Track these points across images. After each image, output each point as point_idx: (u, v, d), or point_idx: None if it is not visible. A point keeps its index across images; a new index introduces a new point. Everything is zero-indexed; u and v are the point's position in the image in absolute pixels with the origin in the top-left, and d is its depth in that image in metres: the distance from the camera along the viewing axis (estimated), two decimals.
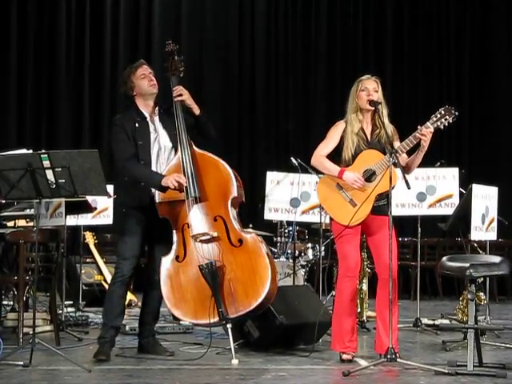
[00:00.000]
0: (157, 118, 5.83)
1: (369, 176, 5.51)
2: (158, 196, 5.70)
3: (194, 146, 5.81)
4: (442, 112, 5.43)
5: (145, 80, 5.76)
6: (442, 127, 5.44)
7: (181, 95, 5.80)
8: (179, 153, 5.75)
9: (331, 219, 5.66)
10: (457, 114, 5.43)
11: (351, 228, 5.51)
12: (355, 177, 5.48)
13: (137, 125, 5.74)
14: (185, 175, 5.67)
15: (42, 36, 11.78)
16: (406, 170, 5.60)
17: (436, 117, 5.43)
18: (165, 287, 5.66)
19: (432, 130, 5.40)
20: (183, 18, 12.25)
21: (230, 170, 5.78)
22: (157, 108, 5.85)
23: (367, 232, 5.65)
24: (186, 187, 5.65)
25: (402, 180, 5.31)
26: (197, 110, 5.86)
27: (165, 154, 5.80)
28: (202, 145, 5.91)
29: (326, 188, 5.66)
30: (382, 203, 5.53)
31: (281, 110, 12.46)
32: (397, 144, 5.56)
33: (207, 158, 5.83)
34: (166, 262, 5.69)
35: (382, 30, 12.71)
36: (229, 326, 5.51)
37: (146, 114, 5.81)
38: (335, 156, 5.65)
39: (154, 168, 5.75)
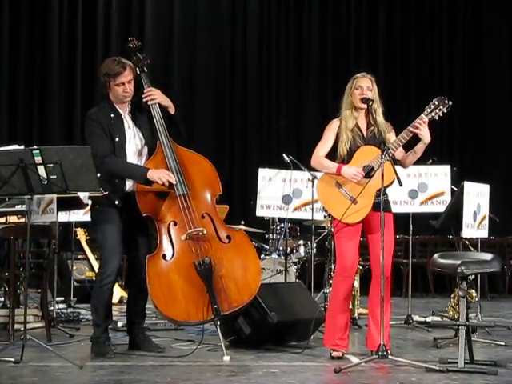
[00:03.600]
0: (130, 115, 5.77)
1: (368, 172, 5.50)
2: (133, 186, 5.58)
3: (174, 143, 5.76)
4: (436, 103, 5.44)
5: (120, 88, 5.67)
6: (437, 117, 5.45)
7: (153, 99, 5.75)
8: (162, 149, 5.67)
9: (333, 217, 5.62)
10: (450, 103, 5.44)
11: (352, 226, 5.51)
12: (354, 170, 5.46)
13: (112, 121, 5.67)
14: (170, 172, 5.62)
15: (34, 34, 11.76)
16: (403, 164, 5.62)
17: (430, 108, 5.44)
18: (153, 287, 5.51)
19: (426, 120, 5.41)
20: (175, 17, 12.23)
21: (212, 166, 5.76)
22: (129, 105, 5.78)
23: (367, 229, 5.62)
24: (174, 185, 5.60)
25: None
26: (172, 109, 5.81)
27: (141, 151, 5.72)
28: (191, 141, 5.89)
29: (325, 187, 5.63)
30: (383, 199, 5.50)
31: (273, 108, 12.46)
32: (392, 138, 5.56)
33: (189, 155, 5.80)
34: (152, 262, 5.55)
35: (374, 28, 12.70)
36: (217, 322, 5.49)
37: (121, 111, 5.74)
38: (332, 154, 5.64)
39: None
